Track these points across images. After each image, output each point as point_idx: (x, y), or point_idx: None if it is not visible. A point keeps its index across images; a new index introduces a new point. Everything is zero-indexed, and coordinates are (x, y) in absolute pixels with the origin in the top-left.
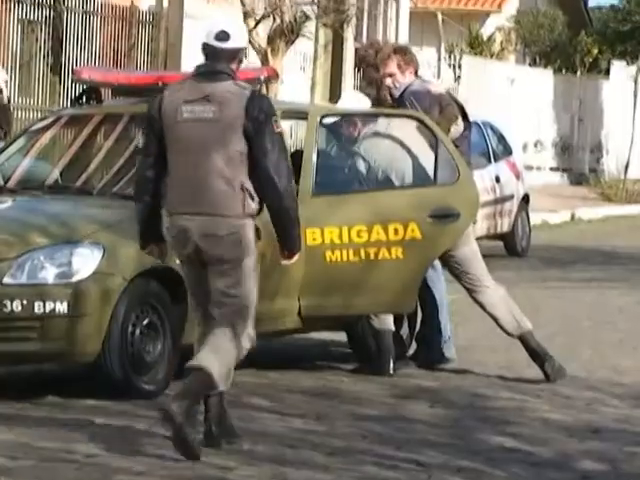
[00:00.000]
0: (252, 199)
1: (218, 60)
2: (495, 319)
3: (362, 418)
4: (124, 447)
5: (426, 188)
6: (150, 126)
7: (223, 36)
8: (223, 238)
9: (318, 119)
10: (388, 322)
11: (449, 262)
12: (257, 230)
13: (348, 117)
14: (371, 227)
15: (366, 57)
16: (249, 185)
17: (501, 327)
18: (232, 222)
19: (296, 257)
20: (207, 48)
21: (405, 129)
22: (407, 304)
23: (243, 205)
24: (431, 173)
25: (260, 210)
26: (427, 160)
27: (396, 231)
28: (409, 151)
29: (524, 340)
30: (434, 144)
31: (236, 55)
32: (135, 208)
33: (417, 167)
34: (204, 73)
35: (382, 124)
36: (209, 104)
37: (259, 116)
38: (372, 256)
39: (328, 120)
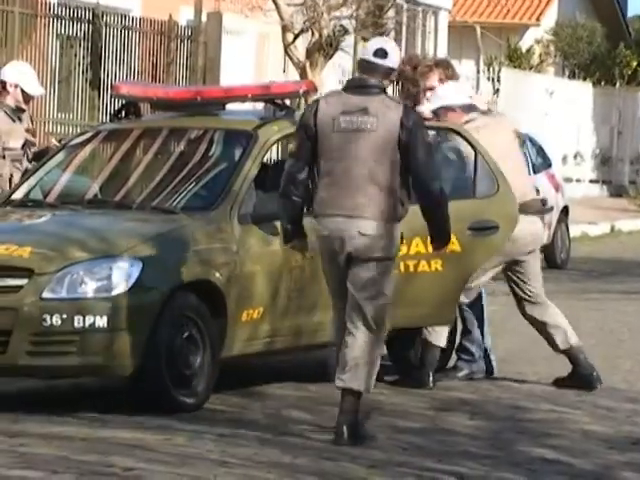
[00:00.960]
0: (402, 205)
1: (373, 75)
2: (547, 333)
3: (402, 430)
4: (163, 461)
5: (465, 200)
6: (304, 133)
7: (381, 54)
8: (373, 240)
9: None
10: (441, 338)
11: (513, 271)
12: (401, 234)
13: None
14: (410, 240)
15: (404, 71)
16: (399, 191)
17: (551, 341)
18: (383, 225)
19: (445, 248)
20: (364, 63)
21: (445, 142)
22: (446, 317)
23: (394, 209)
24: (470, 186)
25: (404, 215)
26: (466, 172)
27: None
28: (448, 163)
29: (572, 355)
30: (473, 157)
31: (390, 73)
32: (281, 205)
33: (456, 179)
34: (360, 87)
35: None
36: (367, 116)
37: (412, 127)
38: (412, 269)
39: None
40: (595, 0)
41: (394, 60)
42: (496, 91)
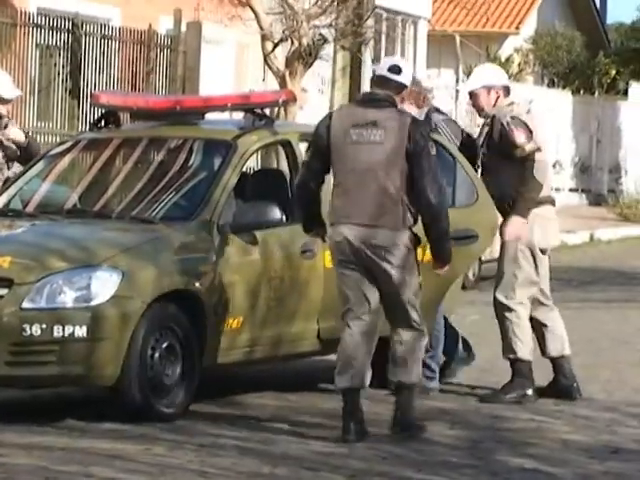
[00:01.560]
0: (410, 213)
1: (386, 89)
2: (543, 336)
3: (382, 440)
4: (143, 471)
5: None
6: (316, 144)
7: (396, 70)
8: (385, 247)
9: None
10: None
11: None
12: (416, 236)
13: None
14: None
15: None
16: (407, 200)
17: (544, 345)
18: (393, 233)
19: (447, 268)
20: (378, 78)
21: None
22: (427, 326)
23: (403, 218)
24: (449, 195)
25: (415, 222)
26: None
27: None
28: None
29: (559, 364)
30: (452, 166)
31: (402, 89)
32: (297, 201)
33: None
34: (371, 100)
35: None
36: (376, 128)
37: (419, 140)
38: None
39: None
40: (574, 8)
41: (407, 77)
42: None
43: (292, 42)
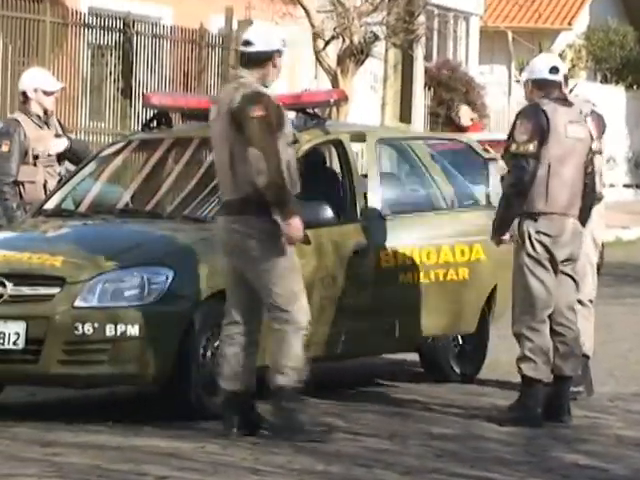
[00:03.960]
0: None
1: (560, 90)
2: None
3: (435, 437)
4: (196, 469)
5: (487, 210)
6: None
7: (555, 71)
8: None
9: (374, 142)
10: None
11: (565, 271)
12: None
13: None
14: (439, 248)
15: (438, 76)
16: None
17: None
18: None
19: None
20: (544, 81)
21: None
22: (470, 325)
23: None
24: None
25: None
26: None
27: (462, 252)
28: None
29: None
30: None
31: (562, 85)
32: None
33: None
34: (564, 99)
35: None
36: (582, 127)
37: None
38: (441, 277)
39: (386, 143)
40: (627, 4)
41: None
42: None
43: (343, 40)
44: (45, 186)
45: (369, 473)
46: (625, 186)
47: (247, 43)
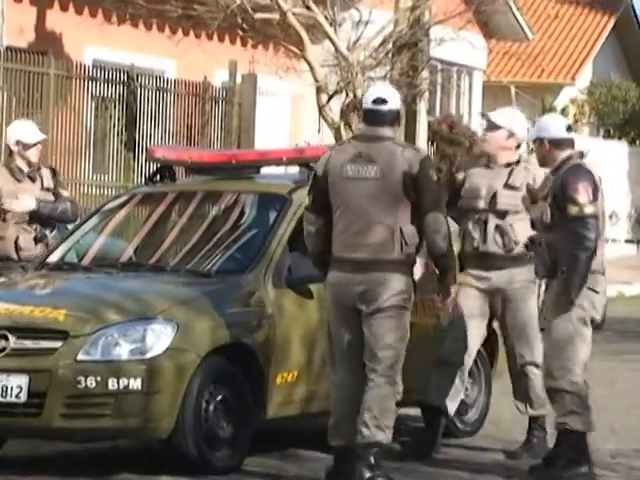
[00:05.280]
0: None
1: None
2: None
3: None
4: None
5: None
6: None
7: (570, 129)
8: None
9: None
10: None
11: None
12: None
13: None
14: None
15: (440, 130)
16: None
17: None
18: None
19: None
20: (562, 140)
21: None
22: None
23: None
24: None
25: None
26: None
27: None
28: None
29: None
30: None
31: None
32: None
33: None
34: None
35: None
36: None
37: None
38: None
39: None
40: (630, 61)
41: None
42: (530, 151)
43: (347, 94)
44: (17, 242)
45: None
46: (627, 241)
47: (382, 101)
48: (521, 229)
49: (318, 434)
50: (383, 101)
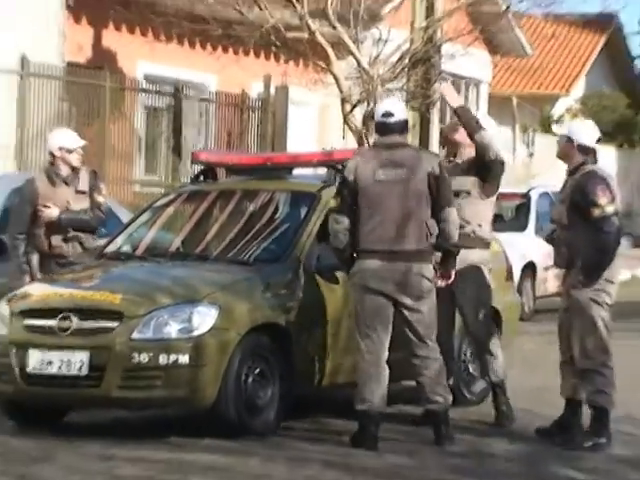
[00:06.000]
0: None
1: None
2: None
3: (448, 454)
4: (236, 479)
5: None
6: None
7: (598, 141)
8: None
9: None
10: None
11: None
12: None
13: None
14: None
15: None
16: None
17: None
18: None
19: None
20: (589, 148)
21: None
22: None
23: None
24: None
25: None
26: None
27: None
28: None
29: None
30: None
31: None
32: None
33: None
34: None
35: None
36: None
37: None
38: None
39: None
40: (617, 74)
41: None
42: (530, 155)
43: (368, 103)
44: (49, 239)
45: None
46: None
47: (389, 114)
48: (472, 211)
49: (344, 402)
50: (390, 114)
